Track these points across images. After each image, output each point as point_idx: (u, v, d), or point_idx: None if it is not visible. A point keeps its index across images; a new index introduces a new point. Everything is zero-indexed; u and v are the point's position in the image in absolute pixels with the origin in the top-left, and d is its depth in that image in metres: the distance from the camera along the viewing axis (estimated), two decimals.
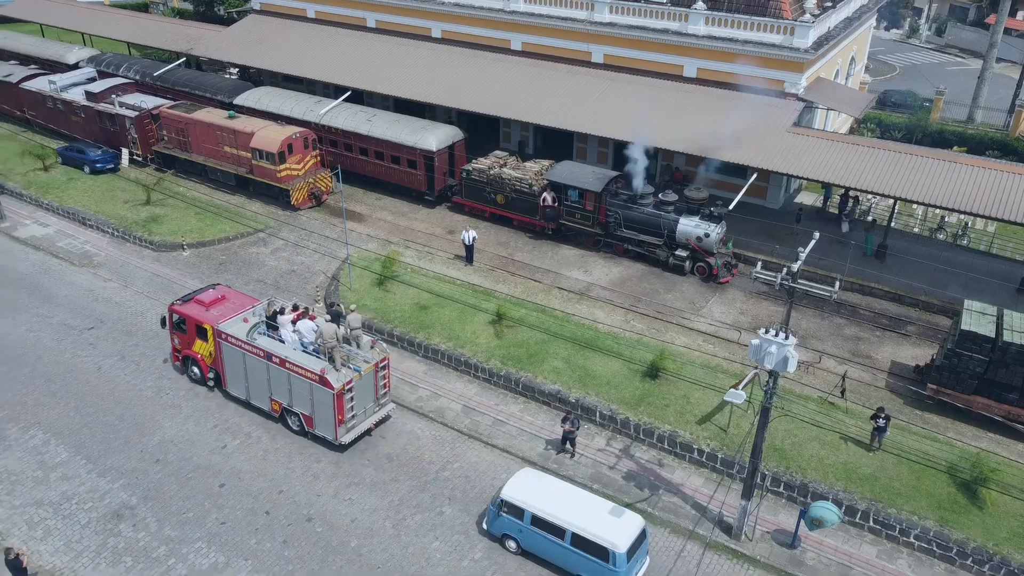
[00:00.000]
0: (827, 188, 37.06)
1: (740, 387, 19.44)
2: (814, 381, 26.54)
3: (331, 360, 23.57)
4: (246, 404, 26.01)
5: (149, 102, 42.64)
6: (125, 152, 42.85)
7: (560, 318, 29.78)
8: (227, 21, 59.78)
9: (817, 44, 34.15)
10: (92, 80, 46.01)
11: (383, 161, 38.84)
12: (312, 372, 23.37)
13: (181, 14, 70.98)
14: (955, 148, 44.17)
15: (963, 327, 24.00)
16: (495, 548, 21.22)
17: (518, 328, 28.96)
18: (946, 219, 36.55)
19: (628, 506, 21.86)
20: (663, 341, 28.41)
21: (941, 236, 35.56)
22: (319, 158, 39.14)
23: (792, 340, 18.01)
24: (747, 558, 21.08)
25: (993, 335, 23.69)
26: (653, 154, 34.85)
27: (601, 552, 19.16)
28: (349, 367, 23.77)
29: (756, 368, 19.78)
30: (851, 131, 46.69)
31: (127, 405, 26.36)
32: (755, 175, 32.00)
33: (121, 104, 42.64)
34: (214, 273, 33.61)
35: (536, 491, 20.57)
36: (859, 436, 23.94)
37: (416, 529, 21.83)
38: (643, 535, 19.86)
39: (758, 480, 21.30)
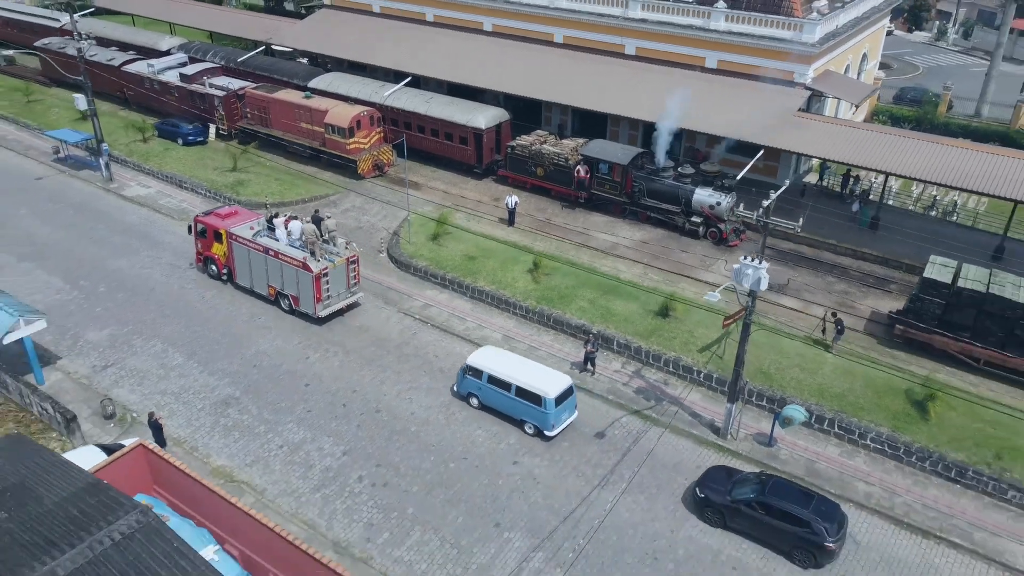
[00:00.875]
0: (824, 166, 41.40)
1: (715, 293, 24.15)
2: (805, 325, 31.14)
3: (312, 253, 30.67)
4: (250, 292, 33.39)
5: (235, 84, 48.64)
6: (212, 127, 48.92)
7: (588, 269, 34.80)
8: (295, 14, 65.80)
9: (824, 40, 38.63)
10: (184, 64, 52.19)
11: (438, 138, 44.22)
12: (297, 260, 30.57)
13: (250, 7, 77.25)
14: (959, 141, 48.09)
15: (925, 275, 28.48)
16: (526, 443, 26.29)
17: (552, 275, 34.03)
18: (938, 198, 40.68)
19: (636, 413, 26.89)
20: (676, 288, 33.22)
21: (933, 213, 39.73)
22: (382, 134, 44.67)
23: (764, 265, 22.80)
24: (732, 452, 25.86)
25: (950, 282, 28.12)
26: (678, 135, 39.57)
27: (536, 399, 25.23)
28: (326, 259, 30.81)
29: (733, 283, 24.19)
30: (865, 120, 50.83)
31: (227, 325, 32.05)
32: (761, 152, 36.56)
33: (211, 85, 48.71)
34: None
35: (492, 359, 26.81)
36: (830, 361, 28.59)
37: (462, 421, 27.06)
38: (570, 390, 25.91)
39: (742, 388, 26.09)
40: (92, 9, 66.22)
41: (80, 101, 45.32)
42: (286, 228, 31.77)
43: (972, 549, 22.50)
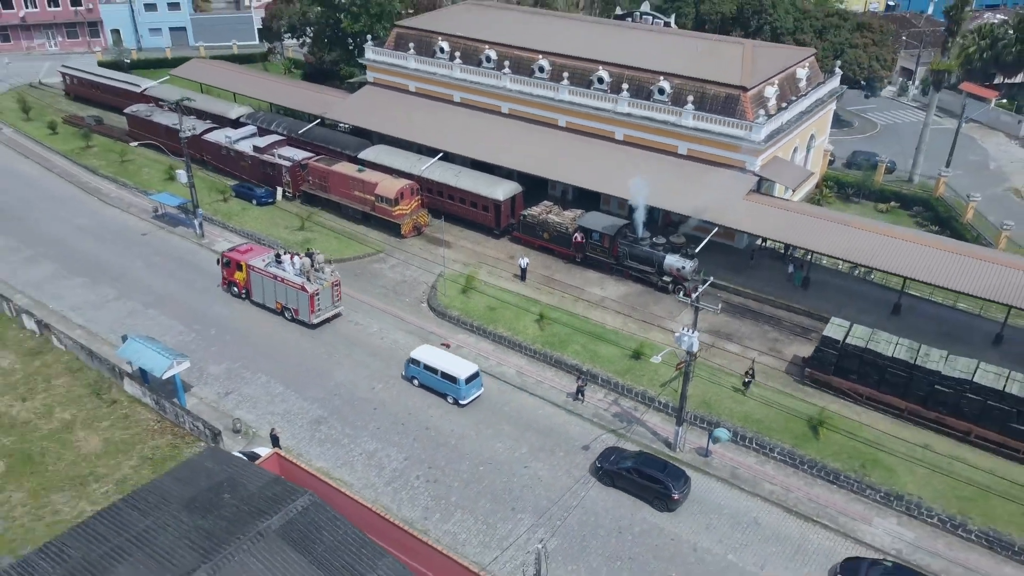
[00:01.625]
0: None
1: (659, 356, 35.04)
2: (741, 366, 41.80)
3: (307, 278, 43.85)
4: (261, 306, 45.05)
5: (298, 155, 59.68)
6: (280, 190, 59.97)
7: (582, 319, 45.59)
8: (336, 74, 76.27)
9: (769, 137, 49.32)
10: (254, 135, 63.27)
11: (465, 205, 55.09)
12: (296, 284, 44.14)
13: (296, 63, 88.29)
14: (889, 204, 58.73)
15: (825, 333, 39.15)
16: (533, 453, 37.03)
17: (553, 325, 44.82)
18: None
19: (612, 432, 37.67)
20: (647, 337, 43.92)
21: (856, 273, 50.27)
22: (420, 201, 55.57)
23: (695, 333, 33.52)
24: (679, 461, 36.55)
25: (842, 339, 38.75)
26: (654, 209, 50.19)
27: (453, 379, 38.85)
28: (317, 282, 44.06)
29: (678, 350, 34.90)
30: (816, 185, 61.43)
31: (311, 362, 42.98)
32: (716, 229, 47.22)
33: (279, 155, 59.76)
34: (352, 280, 50.17)
35: (427, 353, 40.46)
36: (750, 398, 39.27)
37: (488, 436, 37.87)
38: (477, 374, 39.62)
39: (687, 414, 36.78)
40: (167, 77, 77.23)
41: (181, 176, 56.16)
42: (291, 262, 45.38)
43: (837, 529, 33.14)
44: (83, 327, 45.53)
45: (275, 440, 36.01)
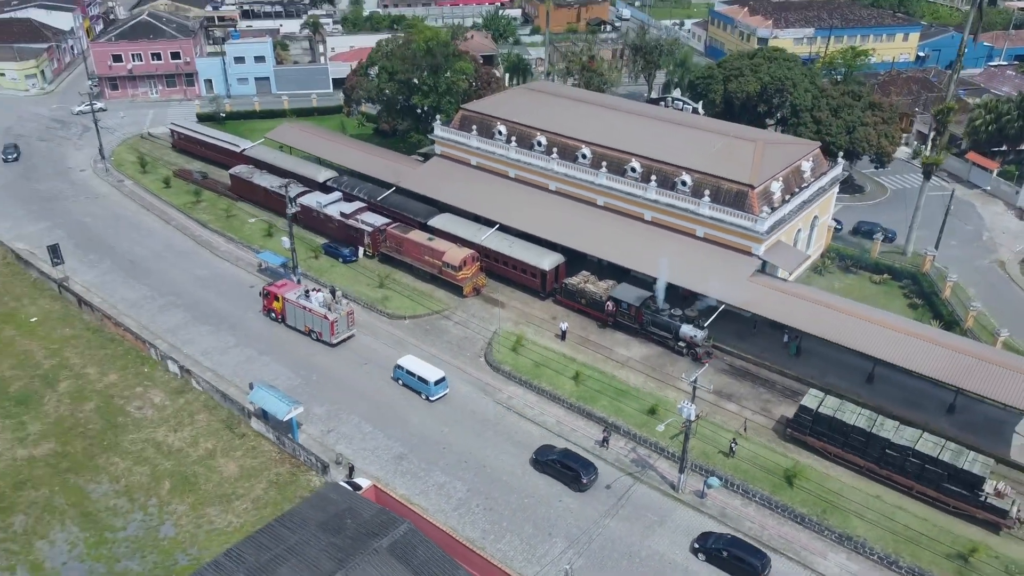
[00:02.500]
0: None
1: (663, 425, 45.47)
2: (734, 424, 51.86)
3: (329, 309, 56.36)
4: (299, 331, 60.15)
5: (378, 221, 71.11)
6: (361, 250, 71.51)
7: (609, 377, 56.06)
8: (406, 139, 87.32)
9: (772, 227, 59.18)
10: (339, 200, 74.91)
11: (516, 271, 65.90)
12: (320, 312, 57.20)
13: (369, 117, 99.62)
14: (883, 276, 67.91)
15: (802, 403, 49.08)
16: (567, 489, 47.54)
17: (587, 381, 55.38)
18: None
19: (630, 475, 48.10)
20: (663, 395, 54.19)
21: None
22: (480, 265, 66.53)
23: (693, 405, 43.80)
24: (680, 500, 46.83)
25: (815, 408, 48.60)
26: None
27: (425, 381, 52.16)
28: (336, 312, 56.83)
29: (680, 416, 45.12)
30: (821, 255, 70.77)
31: (394, 406, 54.12)
32: (723, 306, 57.26)
33: (361, 221, 71.29)
34: (423, 335, 61.38)
35: (409, 362, 53.82)
36: (742, 449, 49.31)
37: (532, 475, 48.44)
38: (444, 378, 53.65)
39: (688, 463, 47.02)
40: (262, 140, 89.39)
41: (285, 242, 67.83)
42: (316, 296, 59.70)
43: (799, 560, 43.17)
44: (212, 370, 57.47)
45: (351, 471, 47.34)
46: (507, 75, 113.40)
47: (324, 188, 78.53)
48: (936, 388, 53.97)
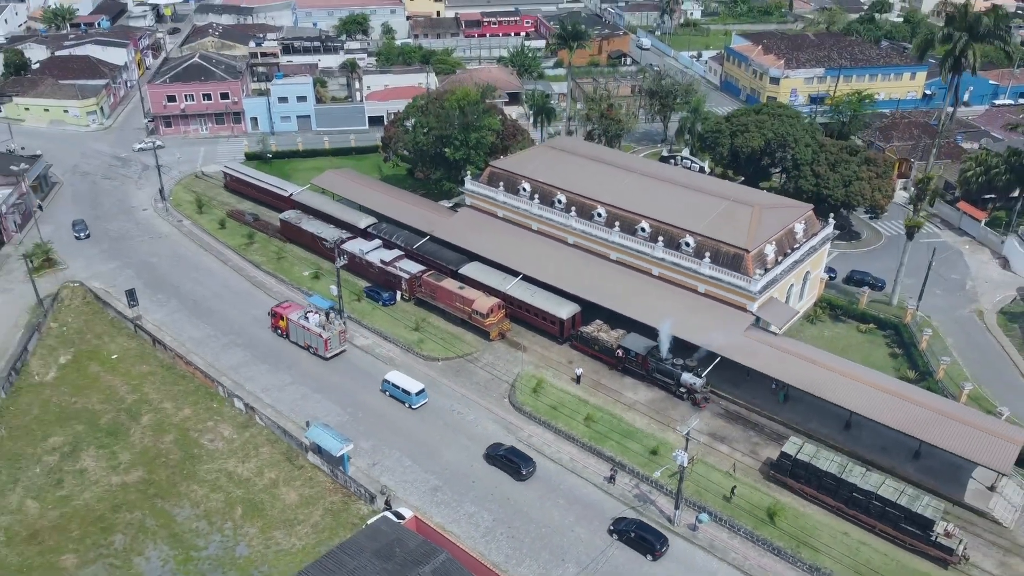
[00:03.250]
0: None
1: (658, 472, 53.25)
2: (725, 465, 59.55)
3: (323, 328, 65.66)
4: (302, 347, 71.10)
5: (414, 268, 79.42)
6: (399, 294, 79.93)
7: (618, 418, 63.96)
8: (435, 183, 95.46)
9: (765, 286, 66.76)
10: (379, 247, 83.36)
11: (537, 317, 73.94)
12: (316, 331, 67.96)
13: (403, 158, 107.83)
14: (868, 326, 75.13)
15: (783, 450, 56.71)
16: (578, 520, 55.54)
17: (598, 422, 63.32)
18: None
19: (632, 508, 56.00)
20: (664, 436, 61.96)
21: None
22: (505, 312, 74.63)
23: (686, 453, 51.62)
24: (675, 532, 54.68)
25: (794, 454, 56.20)
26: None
27: (408, 392, 64.49)
28: (329, 331, 66.31)
29: (675, 462, 52.87)
30: (814, 304, 78.07)
31: (430, 443, 62.35)
32: (719, 358, 64.95)
33: (400, 268, 79.70)
34: (454, 375, 69.60)
35: (395, 376, 66.12)
36: (744, 484, 57.04)
37: (550, 507, 56.51)
38: (424, 390, 65.27)
39: (682, 501, 54.82)
40: (308, 185, 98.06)
41: (333, 289, 76.27)
42: (315, 316, 69.86)
43: None
44: (272, 406, 66.07)
45: (388, 502, 55.61)
46: (532, 115, 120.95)
47: (365, 234, 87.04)
48: (904, 436, 61.27)
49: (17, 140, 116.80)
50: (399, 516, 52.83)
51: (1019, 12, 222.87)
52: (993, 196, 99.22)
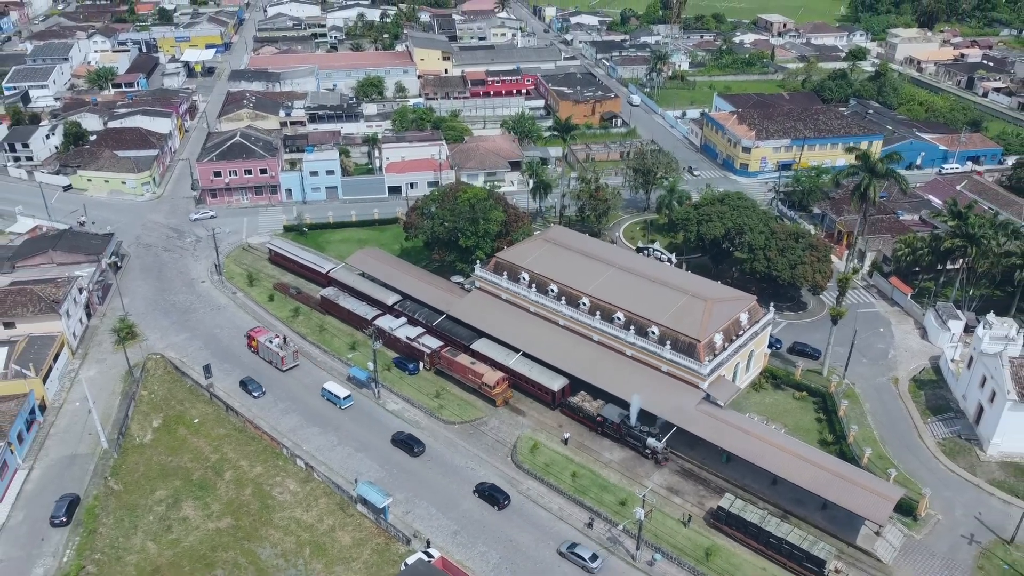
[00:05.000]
0: None
1: (622, 525, 71.36)
2: (676, 513, 77.53)
3: (281, 349, 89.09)
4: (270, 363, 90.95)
5: (434, 343, 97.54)
6: (421, 364, 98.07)
7: (596, 475, 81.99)
8: (448, 264, 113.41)
9: (712, 370, 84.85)
10: (405, 325, 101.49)
11: (533, 387, 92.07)
12: (276, 351, 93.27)
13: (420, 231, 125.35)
14: (802, 394, 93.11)
15: (719, 504, 74.74)
16: (565, 558, 73.55)
17: (581, 479, 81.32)
18: None
19: (604, 548, 74.12)
20: (631, 489, 79.88)
21: None
22: (508, 383, 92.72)
23: (642, 510, 69.64)
24: (636, 567, 72.61)
25: (727, 507, 74.17)
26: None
27: (338, 396, 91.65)
28: (285, 351, 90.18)
29: (634, 517, 70.74)
30: (760, 374, 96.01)
31: (451, 494, 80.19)
32: (675, 427, 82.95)
33: (422, 343, 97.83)
34: (468, 437, 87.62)
35: (331, 385, 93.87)
36: (679, 531, 75.02)
37: (543, 548, 74.55)
38: (349, 395, 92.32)
39: (642, 543, 72.77)
40: (343, 264, 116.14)
41: (371, 365, 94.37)
42: (274, 341, 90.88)
43: None
44: (325, 464, 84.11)
45: (428, 543, 73.58)
46: (530, 185, 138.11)
47: (391, 309, 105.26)
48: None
49: (80, 209, 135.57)
50: (429, 556, 70.89)
51: (985, 62, 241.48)
52: (918, 271, 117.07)
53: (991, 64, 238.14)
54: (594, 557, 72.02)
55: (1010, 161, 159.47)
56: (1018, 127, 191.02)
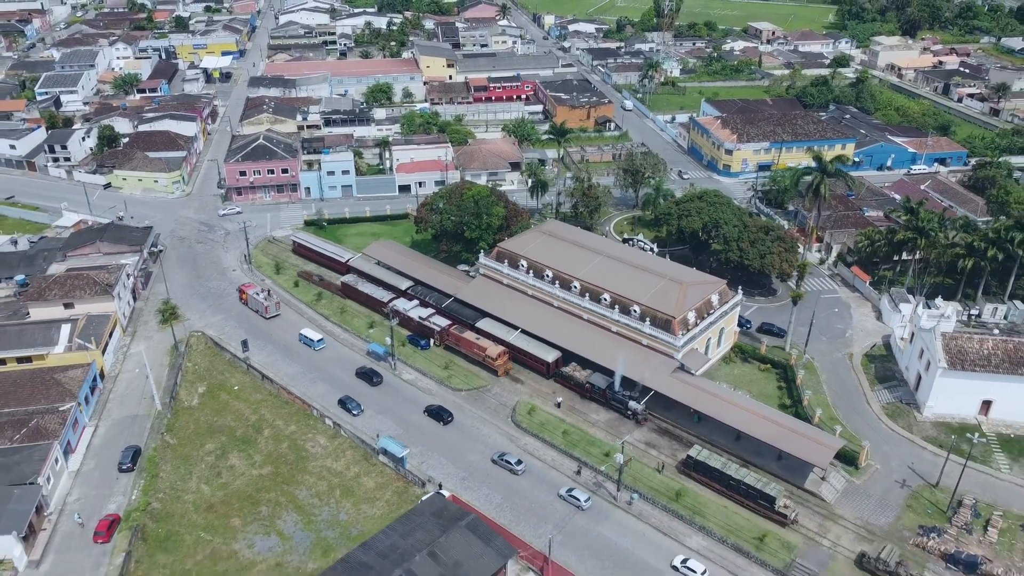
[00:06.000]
0: None
1: (604, 467, 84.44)
2: (652, 464, 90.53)
3: (265, 300, 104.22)
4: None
5: (443, 322, 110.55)
6: (432, 341, 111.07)
7: (585, 432, 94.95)
8: (455, 255, 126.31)
9: (686, 343, 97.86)
10: (417, 306, 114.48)
11: (530, 360, 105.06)
12: (262, 301, 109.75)
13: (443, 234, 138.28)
14: (767, 366, 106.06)
15: (688, 453, 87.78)
16: (557, 500, 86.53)
17: (572, 435, 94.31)
18: None
19: (592, 493, 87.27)
20: (614, 444, 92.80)
21: None
22: (508, 356, 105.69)
23: (622, 456, 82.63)
24: (617, 506, 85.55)
25: (695, 456, 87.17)
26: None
27: (312, 340, 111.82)
28: (270, 302, 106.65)
29: (616, 462, 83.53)
30: (731, 349, 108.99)
31: (456, 446, 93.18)
32: (652, 391, 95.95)
33: (432, 322, 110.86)
34: (473, 402, 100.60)
35: (307, 331, 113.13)
36: (654, 476, 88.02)
37: (544, 495, 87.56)
38: (322, 339, 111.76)
39: (622, 486, 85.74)
40: (360, 254, 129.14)
41: (388, 340, 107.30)
42: (261, 294, 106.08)
43: (676, 539, 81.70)
44: (350, 424, 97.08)
45: (440, 486, 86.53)
46: (528, 184, 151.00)
47: (405, 294, 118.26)
48: (768, 445, 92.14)
49: (119, 205, 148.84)
50: (442, 496, 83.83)
51: (961, 69, 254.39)
52: (878, 261, 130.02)
53: (967, 71, 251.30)
54: (588, 499, 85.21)
55: (974, 162, 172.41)
56: (988, 131, 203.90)
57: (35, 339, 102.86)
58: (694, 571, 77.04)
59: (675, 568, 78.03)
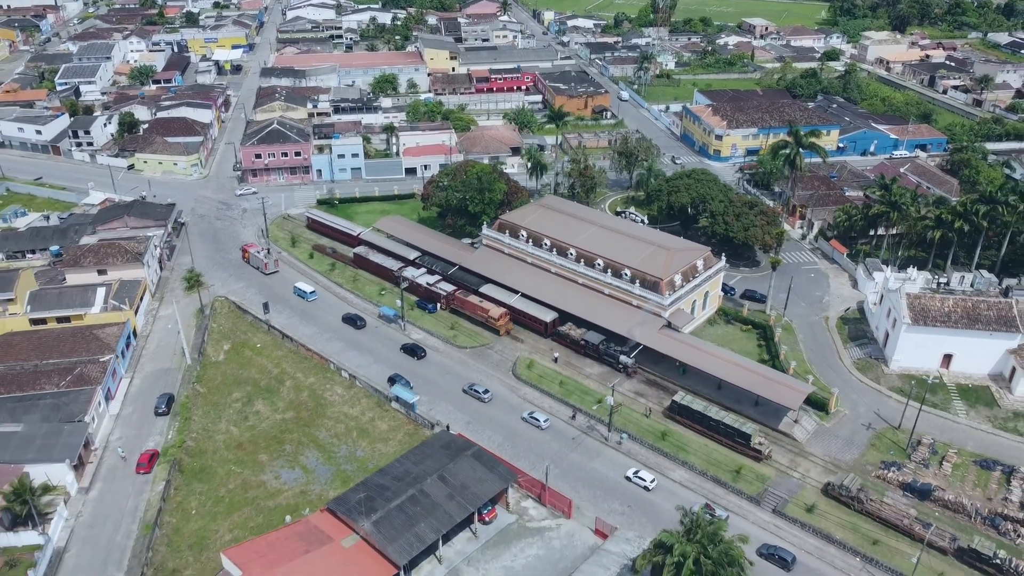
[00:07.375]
0: None
1: (596, 406, 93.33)
2: (640, 408, 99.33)
3: (264, 256, 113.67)
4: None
5: (448, 288, 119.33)
6: (438, 305, 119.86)
7: (580, 383, 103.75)
8: (459, 228, 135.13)
9: (672, 302, 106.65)
10: (425, 274, 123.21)
11: (530, 320, 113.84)
12: (261, 259, 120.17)
13: (437, 209, 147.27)
14: (748, 327, 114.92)
15: (673, 398, 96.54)
16: (556, 438, 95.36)
17: (567, 385, 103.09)
18: None
19: (584, 434, 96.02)
20: (605, 392, 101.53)
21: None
22: (509, 317, 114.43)
23: (612, 398, 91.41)
24: (608, 445, 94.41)
25: (680, 401, 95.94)
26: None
27: (305, 291, 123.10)
28: (269, 259, 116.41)
29: (607, 404, 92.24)
30: (716, 312, 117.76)
31: (464, 401, 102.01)
32: (641, 345, 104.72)
33: (438, 287, 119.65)
34: (477, 359, 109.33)
35: (301, 284, 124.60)
36: (642, 420, 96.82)
37: (544, 433, 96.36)
38: (314, 291, 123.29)
39: (613, 428, 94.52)
40: (371, 228, 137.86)
41: (398, 303, 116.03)
42: (261, 252, 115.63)
43: (661, 472, 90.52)
44: (364, 376, 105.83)
45: (448, 427, 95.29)
46: (528, 167, 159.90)
47: (413, 263, 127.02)
48: (746, 391, 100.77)
49: (141, 186, 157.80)
50: (449, 432, 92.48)
51: (947, 62, 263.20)
52: (855, 236, 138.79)
53: (953, 64, 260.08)
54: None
55: (951, 147, 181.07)
56: (969, 120, 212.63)
57: (74, 300, 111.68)
58: (644, 479, 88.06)
59: (628, 479, 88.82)
